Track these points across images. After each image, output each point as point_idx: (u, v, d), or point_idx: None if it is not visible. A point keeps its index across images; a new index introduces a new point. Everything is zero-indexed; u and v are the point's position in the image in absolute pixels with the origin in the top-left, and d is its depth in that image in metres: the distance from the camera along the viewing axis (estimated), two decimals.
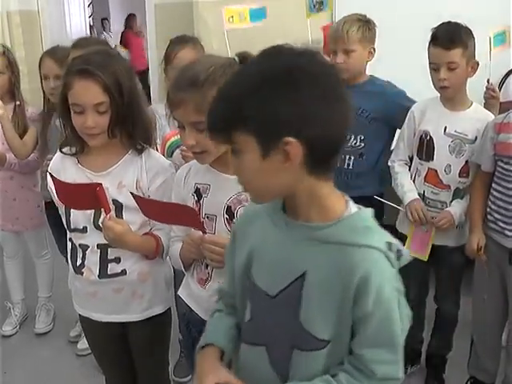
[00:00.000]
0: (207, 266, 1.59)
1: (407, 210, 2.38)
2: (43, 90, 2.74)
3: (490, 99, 2.52)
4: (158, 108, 2.47)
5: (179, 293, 1.74)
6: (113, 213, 1.69)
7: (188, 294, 1.70)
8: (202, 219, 1.58)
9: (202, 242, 1.50)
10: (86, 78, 1.62)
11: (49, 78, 2.67)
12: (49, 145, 2.70)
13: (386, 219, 2.64)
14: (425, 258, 2.39)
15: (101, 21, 9.96)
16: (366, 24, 2.50)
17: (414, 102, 2.50)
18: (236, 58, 1.51)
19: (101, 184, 1.60)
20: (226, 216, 1.55)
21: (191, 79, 1.45)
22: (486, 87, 2.46)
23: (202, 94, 1.41)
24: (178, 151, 2.32)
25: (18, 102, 2.83)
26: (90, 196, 1.58)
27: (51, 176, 1.65)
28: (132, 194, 1.60)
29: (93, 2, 9.07)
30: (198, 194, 1.60)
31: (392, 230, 2.53)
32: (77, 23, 5.54)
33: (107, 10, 10.34)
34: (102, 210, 1.64)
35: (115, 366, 2.01)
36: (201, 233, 1.51)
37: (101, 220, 1.67)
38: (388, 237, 1.14)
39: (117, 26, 10.04)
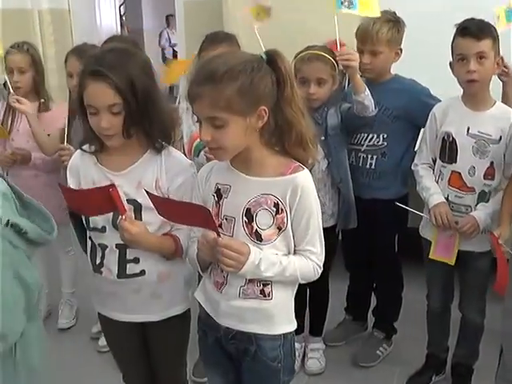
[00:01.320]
0: None
1: (431, 213, 2.31)
2: (69, 88, 2.76)
3: (504, 76, 2.39)
4: (183, 104, 2.46)
5: (195, 295, 1.73)
6: (130, 213, 1.68)
7: (205, 296, 1.68)
8: (220, 220, 1.56)
9: (216, 245, 1.48)
10: (98, 80, 1.61)
11: (73, 76, 2.69)
12: (73, 142, 2.72)
13: (409, 222, 2.61)
14: (451, 261, 2.32)
15: (166, 17, 10.01)
16: (396, 25, 2.44)
17: (438, 100, 2.45)
18: (264, 56, 1.48)
19: (114, 185, 1.59)
20: (244, 219, 1.53)
21: (209, 73, 1.42)
22: (497, 63, 2.36)
23: (219, 89, 1.40)
24: (203, 151, 2.31)
25: (42, 100, 2.86)
26: (104, 199, 1.57)
27: (60, 186, 1.64)
28: (147, 191, 1.58)
29: (125, 1, 9.12)
30: (219, 194, 1.58)
31: (416, 233, 2.52)
32: (107, 22, 5.59)
33: (140, 9, 10.42)
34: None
35: (133, 364, 2.01)
36: (215, 233, 1.48)
37: (118, 220, 1.66)
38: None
39: (149, 23, 10.11)
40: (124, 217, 1.62)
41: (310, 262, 1.57)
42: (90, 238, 1.82)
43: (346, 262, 2.91)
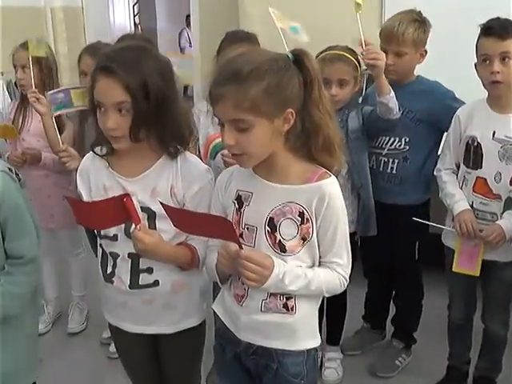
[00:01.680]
0: None
1: (456, 221, 2.22)
2: None
3: None
4: (200, 105, 2.38)
5: (214, 307, 1.65)
6: (144, 222, 1.61)
7: (223, 309, 1.60)
8: (241, 230, 1.47)
9: (238, 258, 1.39)
10: (107, 75, 1.53)
11: (87, 75, 2.62)
12: (86, 143, 2.65)
13: (431, 228, 2.53)
14: (476, 273, 2.22)
15: (186, 17, 9.95)
16: (422, 25, 2.36)
17: (462, 103, 2.36)
18: (290, 55, 1.40)
19: (128, 194, 1.51)
20: (267, 228, 1.44)
21: (233, 73, 1.34)
22: None
23: (243, 89, 1.31)
24: (220, 154, 2.23)
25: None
26: (117, 209, 1.49)
27: (68, 199, 1.56)
28: (161, 203, 1.48)
29: (139, 1, 9.09)
30: (240, 201, 1.50)
31: (437, 239, 2.43)
32: (121, 20, 5.53)
33: (153, 9, 10.37)
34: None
35: (144, 376, 1.93)
36: (237, 245, 1.39)
37: (131, 229, 1.57)
38: None
39: (162, 23, 10.06)
40: (138, 227, 1.54)
41: (336, 275, 1.49)
42: (100, 245, 1.75)
43: (365, 268, 2.82)
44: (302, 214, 1.42)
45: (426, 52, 2.41)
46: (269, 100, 1.33)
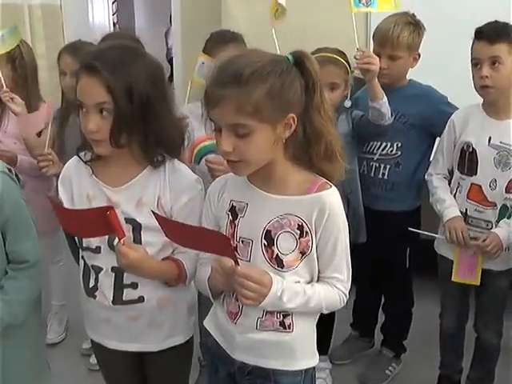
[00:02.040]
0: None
1: (446, 228, 2.16)
2: (61, 87, 2.60)
3: None
4: (186, 109, 2.28)
5: (205, 323, 1.56)
6: (129, 234, 1.52)
7: (215, 326, 1.52)
8: (235, 243, 1.39)
9: (234, 274, 1.30)
10: (90, 74, 1.45)
11: (66, 74, 2.53)
12: (66, 145, 2.55)
13: (423, 234, 2.48)
14: (477, 282, 2.17)
15: (170, 16, 9.78)
16: (416, 28, 2.30)
17: (456, 108, 2.31)
18: (290, 57, 1.32)
19: (112, 207, 1.41)
20: (264, 242, 1.37)
21: (234, 74, 1.26)
22: None
23: (245, 91, 1.24)
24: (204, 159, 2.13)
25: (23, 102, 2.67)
26: (100, 221, 1.39)
27: (52, 202, 1.46)
28: (154, 213, 1.39)
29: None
30: (234, 212, 1.42)
31: (428, 245, 2.38)
32: (100, 19, 5.42)
33: (131, 6, 10.24)
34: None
35: None
36: (232, 261, 1.30)
37: (115, 243, 1.48)
38: None
39: (141, 21, 9.93)
40: (122, 241, 1.44)
41: (335, 291, 1.42)
42: (82, 257, 1.65)
43: (354, 275, 2.75)
44: (301, 227, 1.35)
45: (419, 56, 2.36)
46: (271, 104, 1.26)
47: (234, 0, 3.53)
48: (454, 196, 2.20)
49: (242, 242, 1.39)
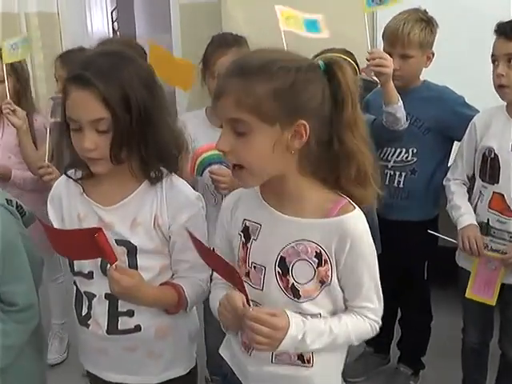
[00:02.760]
0: None
1: (459, 237, 2.03)
2: None
3: None
4: (187, 117, 2.16)
5: (221, 351, 1.43)
6: (124, 258, 1.39)
7: (231, 355, 1.39)
8: (247, 268, 1.26)
9: (245, 317, 1.16)
10: (81, 87, 1.31)
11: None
12: (65, 157, 2.43)
13: (440, 240, 2.34)
14: (491, 302, 2.02)
15: None
16: (428, 25, 2.18)
17: (475, 109, 2.19)
18: (321, 63, 1.19)
19: (100, 229, 1.26)
20: (278, 269, 1.23)
21: (241, 66, 1.16)
22: None
23: (248, 84, 1.13)
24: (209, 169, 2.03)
25: (24, 113, 2.56)
26: (89, 244, 1.25)
27: (41, 223, 1.32)
28: (189, 232, 1.24)
29: (117, 7, 8.85)
30: (247, 233, 1.28)
31: (447, 253, 2.25)
32: (99, 27, 5.30)
33: (132, 13, 10.15)
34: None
35: None
36: (243, 299, 1.16)
37: (108, 269, 1.33)
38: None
39: (142, 30, 9.83)
40: (114, 266, 1.30)
41: (366, 321, 1.27)
42: (74, 282, 1.52)
43: None
44: (319, 255, 1.21)
45: (433, 54, 2.23)
46: (276, 102, 1.13)
47: (233, 2, 3.44)
48: (476, 205, 2.07)
49: (255, 267, 1.26)
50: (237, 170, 1.20)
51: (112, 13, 8.06)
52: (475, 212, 2.06)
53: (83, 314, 1.50)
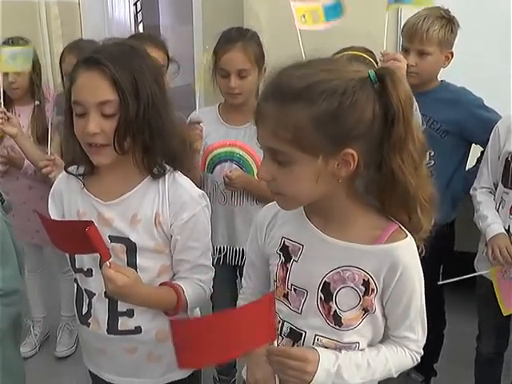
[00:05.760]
0: None
1: (489, 247, 1.96)
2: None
3: None
4: (198, 113, 2.13)
5: (243, 373, 1.35)
6: (123, 256, 1.36)
7: None
8: (286, 290, 1.19)
9: (270, 353, 1.09)
10: (91, 69, 1.27)
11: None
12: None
13: (457, 245, 2.30)
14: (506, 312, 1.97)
15: None
16: (449, 23, 2.11)
17: (493, 111, 2.13)
18: (372, 75, 1.05)
19: (92, 222, 1.22)
20: (320, 295, 1.15)
21: (279, 88, 1.05)
22: None
23: (286, 111, 1.02)
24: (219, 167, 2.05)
25: (37, 102, 2.54)
26: (81, 238, 1.20)
27: (39, 214, 1.29)
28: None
29: None
30: (286, 253, 1.20)
31: (462, 257, 2.19)
32: (120, 16, 5.27)
33: (156, 5, 10.12)
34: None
35: None
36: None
37: (102, 266, 1.29)
38: None
39: (165, 21, 9.80)
40: (108, 263, 1.26)
41: (407, 352, 1.21)
42: (75, 280, 1.50)
43: None
44: (366, 283, 1.13)
45: (452, 54, 2.16)
46: (317, 132, 1.02)
47: None
48: (497, 211, 2.00)
49: (295, 290, 1.18)
50: (275, 195, 1.13)
51: (136, 3, 8.06)
52: None
53: (83, 313, 1.48)
